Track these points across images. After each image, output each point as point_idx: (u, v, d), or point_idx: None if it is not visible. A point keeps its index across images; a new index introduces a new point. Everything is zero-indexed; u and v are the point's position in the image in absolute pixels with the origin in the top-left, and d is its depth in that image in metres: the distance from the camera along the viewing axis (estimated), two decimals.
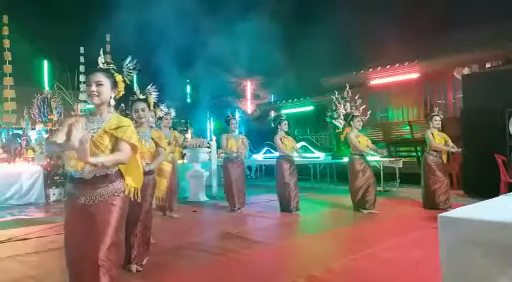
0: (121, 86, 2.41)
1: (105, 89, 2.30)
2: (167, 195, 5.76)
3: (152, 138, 3.80)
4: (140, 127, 3.71)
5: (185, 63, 15.97)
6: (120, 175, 2.37)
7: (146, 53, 13.88)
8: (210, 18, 14.24)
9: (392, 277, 3.21)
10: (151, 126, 4.23)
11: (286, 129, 6.58)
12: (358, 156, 6.27)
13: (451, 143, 6.34)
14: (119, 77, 2.39)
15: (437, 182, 6.21)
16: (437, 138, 6.31)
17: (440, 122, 6.40)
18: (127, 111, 4.02)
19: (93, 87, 2.26)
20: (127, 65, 2.46)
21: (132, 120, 3.42)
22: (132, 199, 2.48)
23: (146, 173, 3.46)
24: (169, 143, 5.56)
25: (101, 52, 2.39)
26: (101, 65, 2.35)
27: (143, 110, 3.71)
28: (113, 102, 2.41)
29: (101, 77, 2.29)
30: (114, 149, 2.29)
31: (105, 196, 2.27)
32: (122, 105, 4.32)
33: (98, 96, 2.27)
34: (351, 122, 6.40)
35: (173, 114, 6.28)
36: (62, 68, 12.68)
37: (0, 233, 5.17)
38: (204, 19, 14.13)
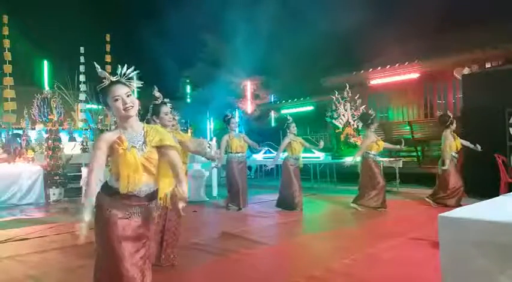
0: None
1: (134, 98, 2.14)
2: None
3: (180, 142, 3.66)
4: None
5: (185, 62, 15.99)
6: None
7: (145, 52, 13.87)
8: (210, 18, 14.24)
9: (392, 277, 3.21)
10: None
11: (295, 132, 6.63)
12: (372, 156, 6.33)
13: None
14: (132, 86, 2.21)
15: (457, 181, 6.42)
16: (458, 142, 6.53)
17: None
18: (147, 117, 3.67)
19: (127, 99, 2.10)
20: (124, 74, 2.16)
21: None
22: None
23: None
24: None
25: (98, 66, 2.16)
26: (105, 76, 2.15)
27: (171, 113, 3.54)
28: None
29: (126, 88, 2.13)
30: (160, 159, 2.19)
31: (151, 211, 2.23)
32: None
33: (133, 107, 2.12)
34: (371, 125, 6.42)
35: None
36: (62, 68, 12.68)
37: (0, 233, 5.16)
38: (204, 19, 14.13)
